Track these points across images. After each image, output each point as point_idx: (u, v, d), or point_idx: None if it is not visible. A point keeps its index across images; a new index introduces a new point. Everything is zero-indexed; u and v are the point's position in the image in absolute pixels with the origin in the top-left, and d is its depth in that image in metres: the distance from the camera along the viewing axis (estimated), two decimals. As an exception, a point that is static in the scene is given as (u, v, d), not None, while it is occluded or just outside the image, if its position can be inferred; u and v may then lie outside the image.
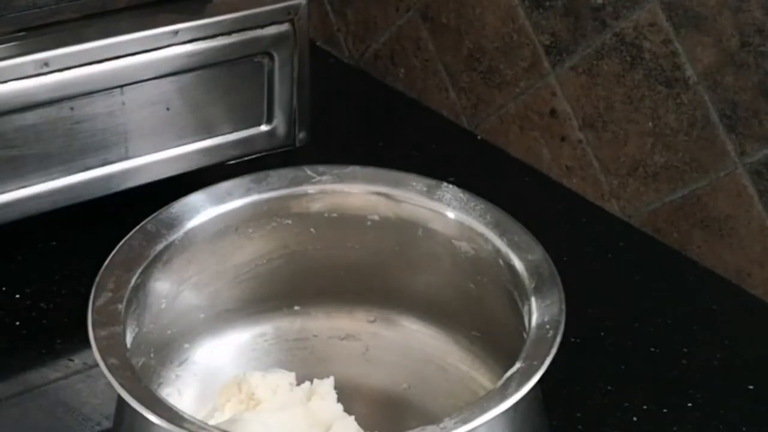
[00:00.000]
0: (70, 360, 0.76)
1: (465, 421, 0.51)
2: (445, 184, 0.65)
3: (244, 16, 0.85)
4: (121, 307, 0.57)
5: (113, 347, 0.55)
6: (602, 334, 0.80)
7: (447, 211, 0.65)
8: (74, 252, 0.85)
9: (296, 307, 0.69)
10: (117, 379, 0.53)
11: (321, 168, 0.67)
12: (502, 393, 0.52)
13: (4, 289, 0.81)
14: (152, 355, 0.63)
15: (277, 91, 0.88)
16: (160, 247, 0.62)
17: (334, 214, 0.66)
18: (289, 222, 0.66)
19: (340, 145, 1.00)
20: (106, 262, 0.60)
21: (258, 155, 0.89)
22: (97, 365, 0.54)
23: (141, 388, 0.53)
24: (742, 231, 0.85)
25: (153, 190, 0.82)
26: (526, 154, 1.01)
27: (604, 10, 0.90)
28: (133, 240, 0.62)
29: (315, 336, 0.70)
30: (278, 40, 0.86)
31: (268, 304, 0.69)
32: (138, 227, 0.62)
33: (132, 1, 0.83)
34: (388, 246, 0.67)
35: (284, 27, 0.86)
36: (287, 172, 0.67)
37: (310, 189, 0.66)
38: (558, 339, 0.55)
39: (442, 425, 0.50)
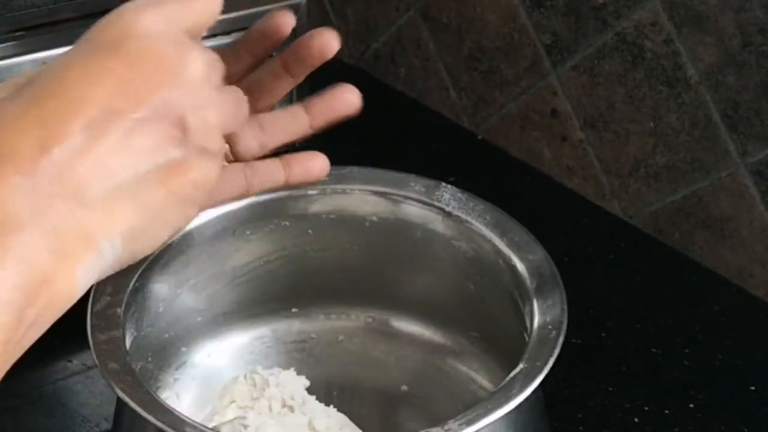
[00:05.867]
0: (69, 361, 0.76)
1: (470, 423, 0.50)
2: (443, 184, 0.65)
3: (244, 16, 0.84)
4: (119, 311, 0.57)
5: (113, 351, 0.55)
6: (603, 335, 0.80)
7: (446, 212, 0.64)
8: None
9: (294, 309, 0.69)
10: (118, 384, 0.52)
11: (319, 169, 0.67)
12: (506, 394, 0.52)
13: (2, 290, 0.81)
14: (150, 358, 0.62)
15: (277, 91, 0.88)
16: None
17: (333, 216, 0.66)
18: (287, 224, 0.66)
19: (339, 145, 1.00)
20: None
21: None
22: (95, 366, 0.54)
23: (142, 392, 0.52)
24: (744, 231, 0.85)
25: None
26: (527, 154, 1.00)
27: (606, 10, 0.90)
28: (131, 242, 0.61)
29: (313, 338, 0.70)
30: (278, 39, 0.86)
31: (266, 307, 0.68)
32: (137, 229, 0.62)
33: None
34: (387, 247, 0.66)
35: (284, 27, 0.86)
36: (285, 173, 0.66)
37: (308, 190, 0.66)
38: (560, 340, 0.55)
39: (446, 427, 0.50)
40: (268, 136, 0.56)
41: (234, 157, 0.55)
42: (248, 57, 0.56)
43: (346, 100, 0.57)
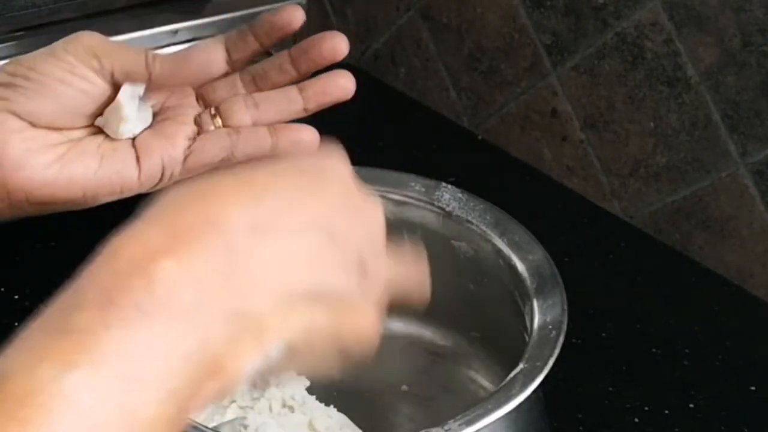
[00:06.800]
0: (69, 361, 0.75)
1: (470, 423, 0.50)
2: (443, 184, 0.65)
3: (244, 16, 0.84)
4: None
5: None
6: (603, 335, 0.80)
7: (446, 212, 0.64)
8: (74, 252, 0.85)
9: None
10: None
11: (319, 169, 0.67)
12: (506, 394, 0.52)
13: (2, 289, 0.81)
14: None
15: (277, 91, 0.88)
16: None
17: None
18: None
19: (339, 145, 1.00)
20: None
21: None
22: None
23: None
24: (744, 231, 0.85)
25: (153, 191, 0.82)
26: (527, 154, 1.00)
27: (606, 10, 0.90)
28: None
29: (312, 339, 0.70)
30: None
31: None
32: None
33: (131, 0, 0.83)
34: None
35: (284, 27, 0.86)
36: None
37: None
38: (561, 340, 0.55)
39: (446, 427, 0.50)
40: (262, 114, 0.56)
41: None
42: (254, 44, 0.56)
43: (341, 84, 0.57)
